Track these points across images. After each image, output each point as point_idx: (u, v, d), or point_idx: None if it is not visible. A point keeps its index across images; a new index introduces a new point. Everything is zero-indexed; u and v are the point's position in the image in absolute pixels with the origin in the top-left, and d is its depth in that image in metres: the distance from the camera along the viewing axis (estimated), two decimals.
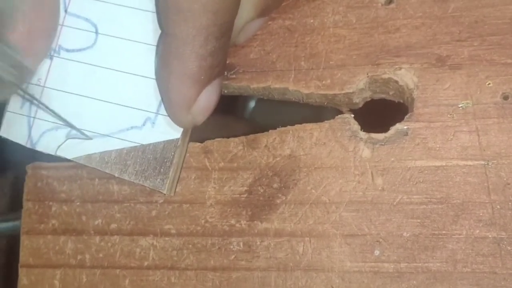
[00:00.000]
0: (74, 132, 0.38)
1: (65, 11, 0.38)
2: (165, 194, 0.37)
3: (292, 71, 0.38)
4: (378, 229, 0.35)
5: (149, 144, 0.37)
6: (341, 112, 0.38)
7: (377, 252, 0.35)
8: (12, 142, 0.38)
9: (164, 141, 0.37)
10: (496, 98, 0.35)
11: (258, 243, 0.36)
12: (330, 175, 0.36)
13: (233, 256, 0.36)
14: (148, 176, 0.37)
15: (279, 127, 0.37)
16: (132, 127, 0.37)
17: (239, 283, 0.36)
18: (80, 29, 0.38)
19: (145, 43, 0.38)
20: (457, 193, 0.34)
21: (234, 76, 0.38)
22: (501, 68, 0.35)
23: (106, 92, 0.38)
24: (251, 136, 0.38)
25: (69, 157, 0.38)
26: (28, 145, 0.38)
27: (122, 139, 0.37)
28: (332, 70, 0.37)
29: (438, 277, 0.34)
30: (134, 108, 0.37)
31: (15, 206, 0.41)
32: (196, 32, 0.32)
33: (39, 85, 0.38)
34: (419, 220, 0.35)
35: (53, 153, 0.38)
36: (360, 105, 0.38)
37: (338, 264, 0.35)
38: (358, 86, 0.37)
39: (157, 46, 0.37)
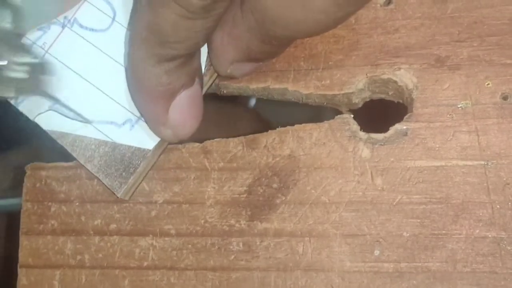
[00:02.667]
0: (57, 105, 0.38)
1: None
2: (121, 197, 0.37)
3: (291, 71, 0.38)
4: (378, 229, 0.35)
5: (121, 145, 0.37)
6: (340, 112, 0.38)
7: (377, 252, 0.35)
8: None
9: (136, 147, 0.37)
10: (495, 98, 0.35)
11: (258, 243, 0.36)
12: (329, 175, 0.36)
13: (232, 256, 0.36)
14: (108, 174, 0.37)
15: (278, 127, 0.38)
16: (112, 122, 0.37)
17: (238, 283, 0.36)
18: (100, 11, 0.38)
19: None
20: (457, 193, 0.35)
21: None
22: (500, 68, 0.35)
23: (101, 80, 0.38)
24: (251, 136, 0.38)
25: (45, 127, 0.38)
26: (12, 102, 0.38)
27: (99, 130, 0.38)
28: (332, 71, 0.37)
29: (438, 277, 0.34)
30: (120, 105, 0.38)
31: (16, 184, 0.41)
32: (146, 55, 0.33)
33: (42, 49, 0.38)
34: (419, 220, 0.35)
35: (31, 118, 0.38)
36: (360, 105, 0.38)
37: (338, 264, 0.35)
38: (357, 86, 0.37)
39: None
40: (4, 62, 0.32)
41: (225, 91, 0.39)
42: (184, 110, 0.35)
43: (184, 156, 0.38)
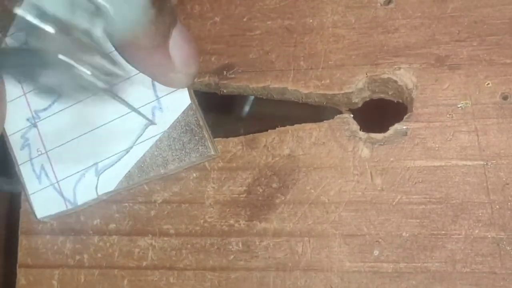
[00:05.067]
0: (100, 166, 0.38)
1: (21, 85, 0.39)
2: (213, 156, 0.37)
3: (291, 70, 0.38)
4: (377, 229, 0.35)
5: (170, 126, 0.37)
6: (340, 112, 0.38)
7: (376, 252, 0.35)
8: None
9: (180, 115, 0.37)
10: (495, 98, 0.35)
11: (257, 243, 0.36)
12: (329, 175, 0.36)
13: (232, 256, 0.36)
14: (189, 151, 0.37)
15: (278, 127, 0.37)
16: (145, 125, 0.37)
17: (238, 283, 0.36)
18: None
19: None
20: (456, 193, 0.34)
21: (233, 75, 0.38)
22: (500, 68, 0.35)
23: (102, 116, 0.38)
24: (250, 136, 0.38)
25: (110, 189, 0.37)
26: (69, 208, 0.38)
27: (145, 140, 0.37)
28: (331, 70, 0.37)
29: (437, 277, 0.34)
30: (138, 108, 0.37)
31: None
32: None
33: (42, 154, 0.38)
34: (418, 220, 0.35)
35: (95, 197, 0.38)
36: (359, 105, 0.38)
37: (337, 264, 0.35)
38: (357, 86, 0.37)
39: None
40: (88, 72, 0.32)
41: (224, 91, 0.39)
42: (183, 47, 0.35)
43: None
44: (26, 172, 0.38)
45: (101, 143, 0.38)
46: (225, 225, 0.37)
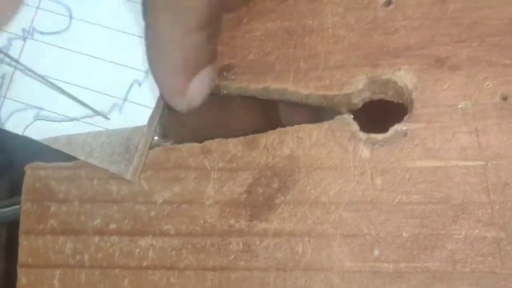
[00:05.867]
0: (42, 113, 0.38)
1: None
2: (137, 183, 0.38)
3: (291, 72, 0.38)
4: (378, 229, 0.35)
5: (115, 130, 0.38)
6: (340, 113, 0.38)
7: (376, 252, 0.35)
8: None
9: (130, 128, 0.38)
10: (495, 99, 0.35)
11: (258, 243, 0.36)
12: (329, 175, 0.36)
13: (232, 256, 0.36)
14: (113, 161, 0.37)
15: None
16: (99, 112, 0.38)
17: (238, 283, 0.36)
18: (55, 13, 0.39)
19: (118, 30, 0.38)
20: (457, 193, 0.35)
21: (233, 77, 0.38)
22: (500, 69, 0.35)
23: (76, 76, 0.38)
24: (250, 137, 0.38)
25: (35, 137, 0.38)
26: None
27: (89, 124, 0.38)
28: (331, 71, 0.37)
29: (438, 277, 0.34)
30: (102, 93, 0.38)
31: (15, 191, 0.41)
32: (174, 27, 0.33)
33: (11, 65, 0.39)
34: (418, 220, 0.35)
35: (20, 133, 0.38)
36: (359, 106, 0.38)
37: (338, 264, 0.35)
38: (357, 86, 0.37)
39: (145, 38, 0.37)
40: None
41: (225, 91, 0.39)
42: (204, 85, 0.36)
43: (184, 156, 0.38)
44: None
45: (58, 95, 0.38)
46: (225, 225, 0.37)
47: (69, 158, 0.38)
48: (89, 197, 0.38)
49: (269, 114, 0.43)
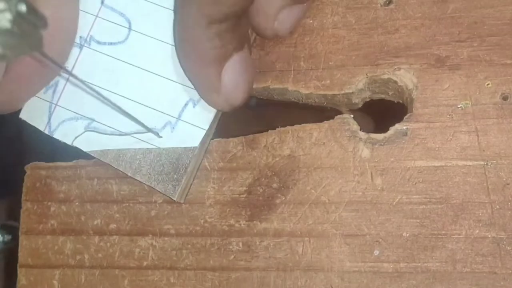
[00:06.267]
0: (93, 124, 0.38)
1: (102, 2, 0.38)
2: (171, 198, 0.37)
3: (291, 71, 0.38)
4: (378, 229, 0.35)
5: (166, 149, 0.37)
6: (340, 113, 0.38)
7: (376, 252, 0.35)
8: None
9: (181, 148, 0.37)
10: (495, 99, 0.35)
11: (258, 243, 0.36)
12: (329, 175, 0.36)
13: (232, 256, 0.36)
14: (160, 180, 0.37)
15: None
16: (151, 129, 0.37)
17: (238, 283, 0.36)
18: (114, 23, 0.38)
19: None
20: (457, 193, 0.34)
21: None
22: (500, 68, 0.35)
23: (131, 90, 0.38)
24: (250, 136, 0.38)
25: (85, 149, 0.38)
26: (46, 131, 0.38)
27: (140, 140, 0.37)
28: (332, 71, 0.37)
29: (438, 277, 0.34)
30: (156, 110, 0.37)
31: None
32: (198, 17, 0.33)
33: (65, 73, 0.38)
34: (418, 220, 0.35)
35: (69, 143, 0.38)
36: (360, 106, 0.38)
37: (338, 264, 0.35)
38: (357, 86, 0.37)
39: (173, 35, 0.37)
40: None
41: None
42: (237, 74, 0.35)
43: None
44: None
45: (110, 109, 0.38)
46: (225, 225, 0.37)
47: (69, 158, 0.39)
48: (89, 197, 0.38)
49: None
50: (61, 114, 0.38)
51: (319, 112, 0.39)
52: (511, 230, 0.34)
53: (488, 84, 0.35)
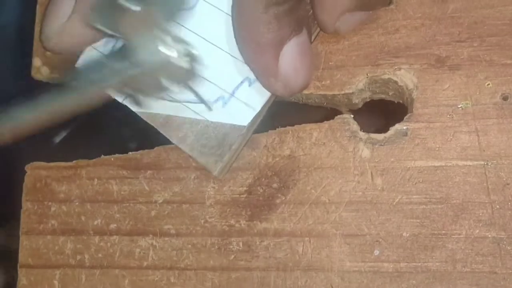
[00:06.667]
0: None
1: None
2: (216, 176, 0.37)
3: None
4: (378, 229, 0.35)
5: (214, 123, 0.37)
6: (340, 113, 0.38)
7: (376, 252, 0.35)
8: None
9: (230, 124, 0.36)
10: (495, 99, 0.35)
11: (258, 243, 0.36)
12: (329, 175, 0.36)
13: (232, 256, 0.36)
14: (204, 153, 0.36)
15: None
16: (204, 101, 0.36)
17: (238, 283, 0.36)
18: None
19: None
20: (457, 193, 0.35)
21: None
22: (501, 68, 0.35)
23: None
24: (250, 136, 0.38)
25: (134, 109, 0.37)
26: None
27: (191, 109, 0.37)
28: (332, 71, 0.37)
29: (438, 276, 0.34)
30: (211, 82, 0.36)
31: None
32: (254, 1, 0.32)
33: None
34: (418, 220, 0.35)
35: (120, 101, 0.37)
36: (360, 106, 0.38)
37: (338, 264, 0.35)
38: (357, 86, 0.37)
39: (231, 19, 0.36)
40: (174, 53, 0.31)
41: None
42: (295, 58, 0.34)
43: (184, 156, 0.38)
44: None
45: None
46: (225, 225, 0.37)
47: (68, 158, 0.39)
48: (89, 197, 0.38)
49: None
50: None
51: (319, 112, 0.39)
52: (511, 230, 0.34)
53: (488, 84, 0.35)
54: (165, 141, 0.37)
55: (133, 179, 0.38)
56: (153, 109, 0.37)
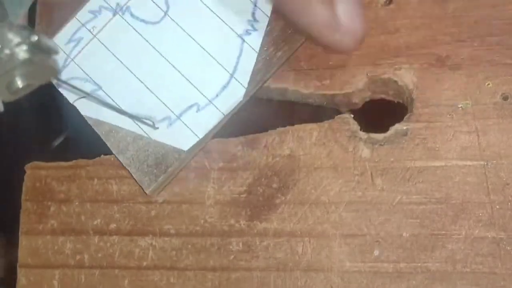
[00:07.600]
0: (98, 92, 0.38)
1: None
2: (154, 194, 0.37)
3: (291, 71, 0.38)
4: (378, 229, 0.35)
5: (157, 142, 0.37)
6: (340, 112, 0.38)
7: (376, 252, 0.35)
8: None
9: (171, 146, 0.37)
10: (495, 99, 0.35)
11: (258, 243, 0.36)
12: (329, 175, 0.36)
13: (232, 256, 0.36)
14: (139, 169, 0.37)
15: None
16: (150, 118, 0.37)
17: (238, 283, 0.36)
18: (154, 3, 0.38)
19: (203, 48, 0.38)
20: (457, 193, 0.34)
21: None
22: (501, 68, 0.35)
23: (144, 73, 0.38)
24: (250, 136, 0.38)
25: (82, 112, 0.38)
26: (54, 83, 0.38)
27: (136, 124, 0.37)
28: (332, 71, 0.37)
29: (437, 277, 0.34)
30: (161, 101, 0.37)
31: None
32: None
33: (91, 32, 0.38)
34: (418, 220, 0.35)
35: (71, 101, 0.38)
36: (360, 105, 0.38)
37: (338, 264, 0.35)
38: (357, 86, 0.37)
39: None
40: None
41: None
42: (352, 10, 0.33)
43: None
44: None
45: (120, 81, 0.38)
46: (225, 225, 0.37)
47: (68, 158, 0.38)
48: (89, 197, 0.38)
49: None
50: (73, 70, 0.38)
51: (319, 112, 0.39)
52: (511, 230, 0.34)
53: (489, 84, 0.35)
54: None
55: (133, 179, 0.38)
56: (101, 117, 0.38)
